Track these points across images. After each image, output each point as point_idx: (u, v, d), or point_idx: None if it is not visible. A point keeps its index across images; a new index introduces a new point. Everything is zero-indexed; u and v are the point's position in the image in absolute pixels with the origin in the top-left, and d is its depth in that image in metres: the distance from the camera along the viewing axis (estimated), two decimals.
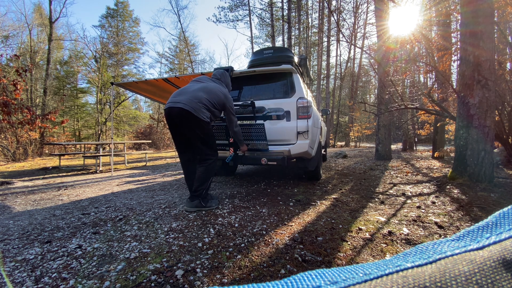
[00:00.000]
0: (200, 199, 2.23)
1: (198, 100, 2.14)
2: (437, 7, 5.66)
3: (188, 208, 2.22)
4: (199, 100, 2.15)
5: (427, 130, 7.87)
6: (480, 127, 2.83)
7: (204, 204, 2.24)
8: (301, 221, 1.90)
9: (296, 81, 2.99)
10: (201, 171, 2.23)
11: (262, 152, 2.79)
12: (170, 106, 2.11)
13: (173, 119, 2.13)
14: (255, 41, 20.58)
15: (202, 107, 2.14)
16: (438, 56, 4.93)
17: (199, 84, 2.31)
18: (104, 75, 17.63)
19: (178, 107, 2.08)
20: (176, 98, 2.14)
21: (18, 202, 2.83)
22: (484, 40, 2.80)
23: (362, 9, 18.99)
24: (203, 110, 2.14)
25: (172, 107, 2.10)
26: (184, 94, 2.17)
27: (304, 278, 0.18)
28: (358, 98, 21.46)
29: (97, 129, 16.62)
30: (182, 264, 1.29)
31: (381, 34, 6.13)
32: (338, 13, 17.92)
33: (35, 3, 28.66)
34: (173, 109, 2.10)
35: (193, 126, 2.13)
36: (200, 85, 2.30)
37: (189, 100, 2.12)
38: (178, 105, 2.08)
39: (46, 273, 1.24)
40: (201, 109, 2.13)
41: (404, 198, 2.56)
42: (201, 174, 2.23)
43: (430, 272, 0.16)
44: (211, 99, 2.22)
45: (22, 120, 6.40)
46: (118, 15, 20.93)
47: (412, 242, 1.50)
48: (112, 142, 5.00)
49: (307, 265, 1.26)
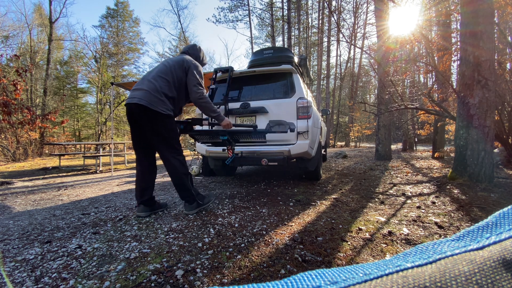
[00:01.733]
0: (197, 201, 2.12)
1: (154, 89, 1.92)
2: (437, 7, 5.66)
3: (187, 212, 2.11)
4: (155, 89, 1.92)
5: (427, 130, 7.87)
6: (480, 127, 2.83)
7: (201, 201, 2.15)
8: (301, 221, 1.90)
9: (296, 81, 3.00)
10: (172, 180, 2.05)
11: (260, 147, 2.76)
12: (128, 103, 1.94)
13: (132, 116, 1.96)
14: (255, 41, 20.59)
15: (159, 97, 1.91)
16: (438, 56, 4.93)
17: (157, 67, 2.08)
18: (104, 75, 17.65)
19: (134, 103, 1.89)
20: (133, 93, 1.95)
21: (18, 202, 2.83)
22: (484, 40, 2.80)
23: (362, 9, 19.01)
24: (162, 100, 1.91)
25: (129, 103, 1.93)
26: (142, 84, 1.97)
27: (304, 278, 0.18)
28: (358, 98, 21.46)
29: (97, 129, 16.62)
30: (182, 264, 1.29)
31: (381, 34, 6.13)
32: (338, 13, 17.93)
33: (35, 3, 28.70)
34: (130, 105, 1.93)
35: (152, 122, 1.92)
36: (158, 67, 2.07)
37: (145, 92, 1.91)
38: (134, 100, 1.89)
39: (46, 273, 1.24)
40: (159, 99, 1.90)
41: (404, 198, 2.56)
42: (174, 181, 2.05)
43: (430, 272, 0.16)
44: (172, 80, 1.99)
45: (22, 120, 6.39)
46: (118, 15, 20.94)
47: (412, 242, 1.50)
48: (112, 142, 5.00)
49: (307, 265, 1.26)
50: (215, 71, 3.41)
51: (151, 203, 2.14)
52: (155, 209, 2.18)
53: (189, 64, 2.08)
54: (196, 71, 2.08)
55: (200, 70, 2.14)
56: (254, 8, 20.69)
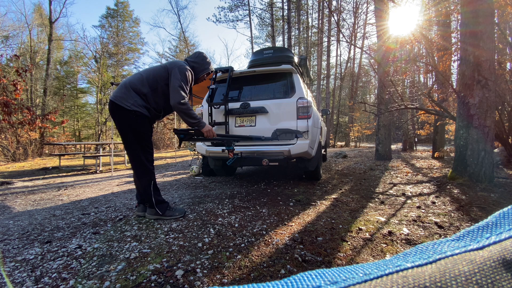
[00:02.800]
0: (155, 208, 1.96)
1: (124, 85, 1.85)
2: (437, 7, 5.66)
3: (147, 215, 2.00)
4: (124, 84, 1.85)
5: (427, 130, 7.87)
6: (480, 127, 2.83)
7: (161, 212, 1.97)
8: (301, 221, 1.90)
9: (296, 81, 2.99)
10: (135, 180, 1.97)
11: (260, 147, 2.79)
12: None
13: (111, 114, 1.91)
14: (255, 41, 20.59)
15: (128, 92, 1.83)
16: (438, 56, 4.93)
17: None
18: (104, 75, 17.65)
19: (110, 100, 1.86)
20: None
21: (18, 202, 2.83)
22: (484, 40, 2.80)
23: (362, 9, 19.01)
24: (130, 95, 1.82)
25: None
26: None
27: (304, 278, 0.18)
28: (358, 98, 21.47)
29: (97, 129, 16.63)
30: (182, 264, 1.29)
31: (381, 34, 6.12)
32: (338, 13, 17.93)
33: (35, 3, 28.65)
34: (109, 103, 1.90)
35: (116, 118, 1.85)
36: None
37: (118, 88, 1.86)
38: (110, 98, 1.86)
39: (46, 273, 1.24)
40: (127, 95, 1.82)
41: (404, 198, 2.56)
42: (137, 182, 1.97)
43: (430, 272, 0.16)
44: (146, 76, 1.90)
45: (22, 120, 6.40)
46: (118, 15, 20.96)
47: (412, 242, 1.50)
48: (112, 142, 5.00)
49: (307, 265, 1.26)
50: (215, 71, 3.41)
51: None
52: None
53: (173, 65, 1.95)
54: (180, 73, 1.91)
55: (186, 74, 1.96)
56: (254, 8, 20.66)
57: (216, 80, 3.33)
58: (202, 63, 2.18)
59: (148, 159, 1.95)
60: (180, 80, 1.90)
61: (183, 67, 1.96)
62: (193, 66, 2.13)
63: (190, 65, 2.12)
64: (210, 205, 2.39)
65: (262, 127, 2.98)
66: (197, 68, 2.16)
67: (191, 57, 2.20)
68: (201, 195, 2.82)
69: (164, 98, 1.97)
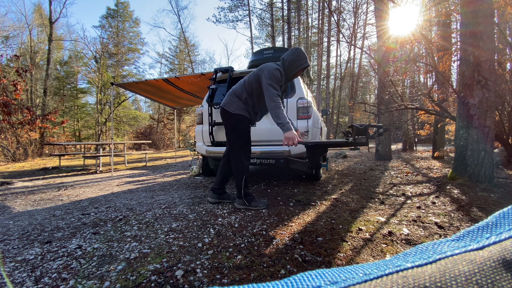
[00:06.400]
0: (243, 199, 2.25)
1: (230, 93, 2.20)
2: (437, 7, 5.67)
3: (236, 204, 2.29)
4: (230, 93, 2.20)
5: (427, 130, 7.86)
6: (480, 127, 2.83)
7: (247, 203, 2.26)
8: (301, 221, 1.90)
9: (296, 81, 3.00)
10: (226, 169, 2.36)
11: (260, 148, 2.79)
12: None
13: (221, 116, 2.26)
14: (255, 41, 20.59)
15: (232, 99, 2.15)
16: (438, 56, 4.93)
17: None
18: (104, 76, 17.64)
19: (220, 106, 2.23)
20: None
21: (18, 202, 2.83)
22: (484, 41, 2.80)
23: (362, 9, 19.02)
24: (233, 101, 2.15)
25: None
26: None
27: (304, 278, 0.18)
28: (358, 98, 21.47)
29: (97, 129, 16.62)
30: (182, 265, 1.29)
31: (381, 34, 6.13)
32: (338, 13, 17.93)
33: (35, 4, 28.71)
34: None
35: (226, 121, 2.18)
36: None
37: (225, 96, 2.22)
38: (221, 104, 2.23)
39: (46, 274, 1.24)
40: (232, 101, 2.15)
41: (404, 198, 2.56)
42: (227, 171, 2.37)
43: (430, 272, 0.16)
44: (244, 83, 2.18)
45: (22, 120, 6.39)
46: (118, 16, 20.94)
47: (412, 242, 1.50)
48: (112, 142, 5.01)
49: (307, 265, 1.26)
50: (215, 71, 3.40)
51: (221, 192, 2.43)
52: (224, 199, 2.45)
53: (263, 67, 2.10)
54: (268, 73, 2.03)
55: (274, 73, 2.03)
56: (254, 8, 20.70)
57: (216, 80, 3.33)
58: (297, 59, 2.15)
59: (246, 156, 2.22)
60: (269, 78, 2.01)
61: (271, 68, 2.07)
62: (289, 62, 2.14)
63: (286, 62, 2.14)
64: (210, 205, 2.39)
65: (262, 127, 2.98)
66: (293, 64, 2.14)
67: (287, 53, 2.21)
68: (201, 195, 2.82)
69: (259, 100, 2.18)
